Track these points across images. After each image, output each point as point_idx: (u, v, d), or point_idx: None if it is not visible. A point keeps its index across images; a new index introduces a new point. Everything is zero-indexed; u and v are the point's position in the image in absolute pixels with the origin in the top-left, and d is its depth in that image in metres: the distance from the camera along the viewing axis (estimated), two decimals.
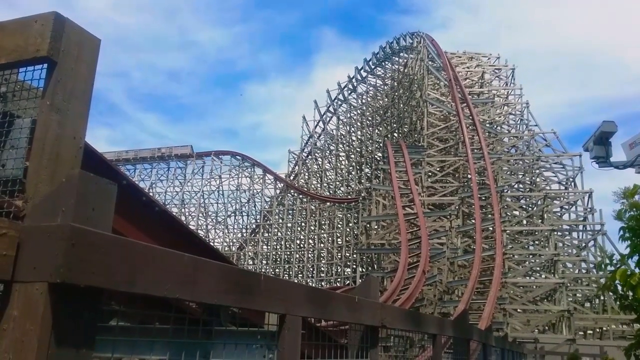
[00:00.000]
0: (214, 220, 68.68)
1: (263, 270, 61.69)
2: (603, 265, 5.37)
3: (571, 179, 42.52)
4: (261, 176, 67.37)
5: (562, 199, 41.98)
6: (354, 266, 53.95)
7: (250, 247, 64.98)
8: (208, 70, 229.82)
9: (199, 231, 64.70)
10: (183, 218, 64.99)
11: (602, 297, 33.39)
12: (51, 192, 1.55)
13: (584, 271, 38.18)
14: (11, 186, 1.77)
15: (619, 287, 4.73)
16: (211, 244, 60.34)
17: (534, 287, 35.89)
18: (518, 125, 48.51)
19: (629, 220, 4.67)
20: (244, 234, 68.12)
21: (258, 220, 66.38)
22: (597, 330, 33.69)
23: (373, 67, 65.06)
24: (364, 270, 48.80)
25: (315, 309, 2.81)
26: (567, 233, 41.01)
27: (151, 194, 66.40)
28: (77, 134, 1.87)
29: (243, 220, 69.18)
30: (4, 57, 1.89)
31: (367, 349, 3.37)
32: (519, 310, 33.11)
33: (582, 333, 33.51)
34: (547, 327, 32.72)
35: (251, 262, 63.04)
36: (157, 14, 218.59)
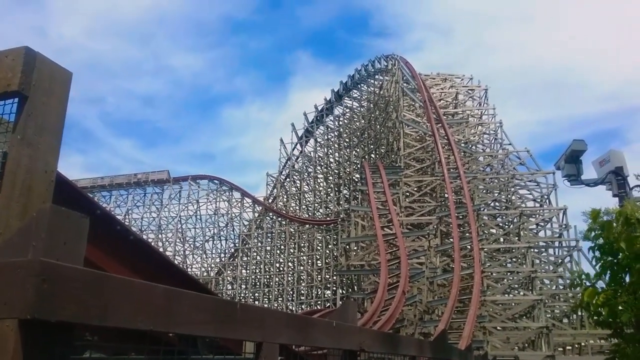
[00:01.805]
0: (192, 246, 67.97)
1: (242, 294, 61.01)
2: (576, 282, 5.46)
3: (546, 196, 43.25)
4: (239, 200, 67.06)
5: (537, 216, 42.60)
6: (334, 288, 53.70)
7: (229, 272, 64.33)
8: (184, 94, 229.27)
9: (177, 257, 63.90)
10: (160, 244, 64.16)
11: (579, 313, 33.77)
12: (22, 226, 1.54)
13: (561, 287, 38.61)
14: None
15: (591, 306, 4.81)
16: (189, 270, 59.62)
17: (513, 304, 36.14)
18: (492, 145, 49.33)
19: (595, 239, 4.77)
20: (223, 259, 67.46)
21: (237, 245, 65.85)
22: (576, 345, 33.96)
23: (349, 89, 65.75)
24: (344, 292, 48.61)
25: (293, 336, 2.80)
26: (543, 250, 41.55)
27: (127, 221, 65.51)
28: (49, 167, 1.87)
29: (221, 245, 68.62)
30: None
31: None
32: (498, 328, 33.23)
33: (561, 349, 33.72)
34: (526, 344, 32.87)
35: (230, 287, 62.36)
36: (132, 39, 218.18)
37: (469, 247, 36.24)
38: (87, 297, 1.49)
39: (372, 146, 59.01)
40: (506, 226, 42.15)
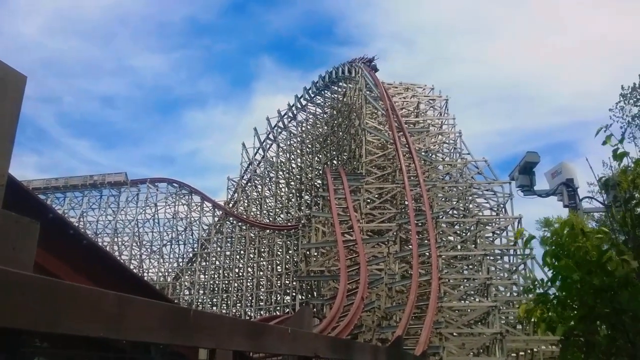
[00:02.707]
0: (149, 250, 66.73)
1: (200, 300, 60.21)
2: (529, 288, 5.65)
3: (502, 205, 44.34)
4: (199, 204, 66.28)
5: (493, 224, 43.62)
6: (294, 294, 53.58)
7: (186, 277, 63.38)
8: (145, 96, 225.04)
9: (133, 261, 62.61)
10: (116, 248, 62.75)
11: (532, 320, 34.66)
12: None
13: (515, 294, 39.59)
14: None
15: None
16: (145, 275, 58.50)
17: (469, 310, 36.83)
18: (452, 154, 50.35)
19: (551, 244, 4.92)
20: (181, 264, 66.45)
21: (195, 249, 64.99)
22: (529, 351, 34.86)
23: (313, 95, 65.97)
24: (303, 297, 48.55)
25: (247, 342, 2.82)
26: (498, 257, 42.56)
27: (82, 224, 63.82)
28: (0, 172, 1.84)
29: (179, 249, 67.64)
30: None
31: None
32: (454, 333, 33.79)
33: (514, 355, 34.58)
34: (481, 350, 33.55)
35: (187, 292, 61.48)
36: (92, 39, 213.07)
37: (427, 254, 36.78)
38: (37, 304, 1.48)
39: (334, 152, 59.33)
40: (463, 234, 43.00)
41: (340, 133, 57.77)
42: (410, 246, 37.57)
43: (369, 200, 43.91)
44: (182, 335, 2.22)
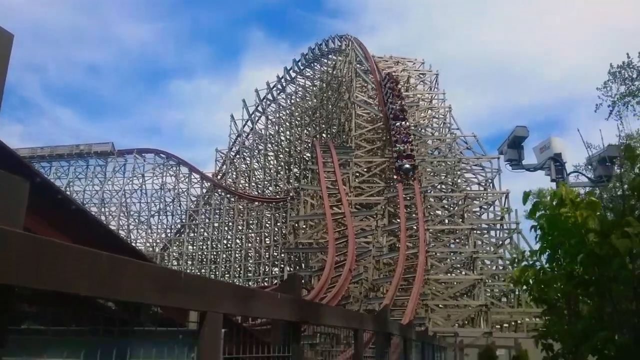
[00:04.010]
0: (137, 220, 66.63)
1: (188, 270, 60.38)
2: (516, 262, 5.73)
3: (490, 181, 44.71)
4: (187, 175, 66.02)
5: (481, 199, 44.03)
6: (282, 265, 54.03)
7: (174, 248, 63.55)
8: (131, 65, 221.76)
9: (121, 231, 62.50)
10: (103, 218, 62.50)
11: (516, 292, 35.33)
12: None
13: (500, 268, 40.24)
14: None
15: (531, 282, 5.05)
16: (132, 244, 58.44)
17: (455, 283, 37.43)
18: (441, 129, 50.40)
19: (540, 219, 4.96)
20: (169, 234, 66.50)
21: (183, 220, 64.99)
22: (512, 323, 35.60)
23: (302, 68, 65.37)
24: (291, 269, 48.99)
25: (237, 306, 2.84)
26: (485, 232, 43.09)
27: (68, 194, 63.39)
28: None
29: (167, 220, 67.61)
30: None
31: (289, 344, 3.43)
32: (440, 305, 34.38)
33: (498, 326, 35.28)
34: (466, 322, 34.21)
35: (176, 263, 61.65)
36: (77, 6, 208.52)
37: (415, 227, 37.12)
38: (27, 261, 1.47)
39: (323, 126, 59.13)
40: (451, 208, 43.39)
41: (330, 106, 57.50)
42: (398, 220, 37.90)
43: (357, 174, 44.03)
44: (173, 298, 2.23)
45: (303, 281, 31.54)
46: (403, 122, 39.39)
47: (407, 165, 31.93)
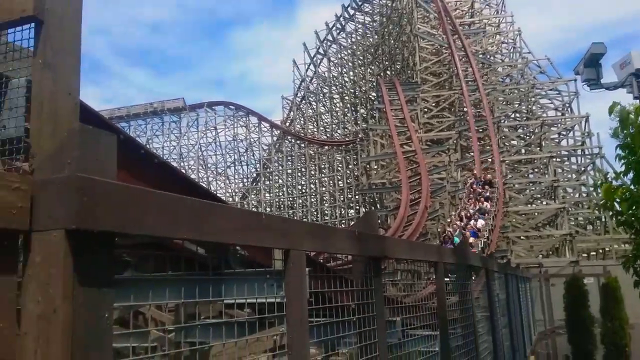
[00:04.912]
0: (214, 172, 68.89)
1: None
2: (600, 184, 5.48)
3: (567, 105, 42.37)
4: (256, 125, 67.05)
5: (559, 125, 41.96)
6: (357, 207, 54.62)
7: (253, 196, 65.51)
8: (190, 19, 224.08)
9: (201, 184, 65.03)
10: (183, 172, 65.18)
11: (603, 219, 33.98)
12: (55, 146, 1.62)
13: (584, 195, 38.67)
14: (16, 144, 1.85)
15: (616, 205, 4.85)
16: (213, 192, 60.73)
17: (536, 214, 36.43)
18: (511, 54, 47.83)
19: (625, 138, 4.71)
20: (246, 184, 68.50)
21: (258, 169, 66.59)
22: (600, 251, 34.45)
23: (360, 3, 63.44)
24: (367, 210, 49.41)
25: (318, 243, 2.93)
26: (565, 159, 41.25)
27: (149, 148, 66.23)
28: (72, 89, 1.92)
29: (243, 170, 69.40)
30: None
31: (371, 279, 3.52)
32: (522, 237, 33.73)
33: (585, 255, 34.28)
34: (550, 252, 33.44)
35: (255, 210, 63.63)
36: None
37: (490, 159, 36.14)
38: (124, 208, 1.58)
39: (387, 63, 57.72)
40: (527, 137, 41.71)
41: (392, 41, 55.78)
42: (472, 153, 36.99)
43: (426, 110, 43.00)
44: (257, 237, 2.34)
45: (379, 221, 31.90)
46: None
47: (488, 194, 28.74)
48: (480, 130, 37.88)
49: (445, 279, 5.23)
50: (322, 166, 60.52)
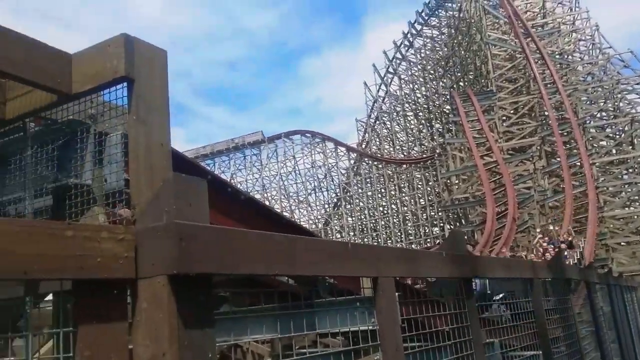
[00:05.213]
0: (296, 200, 69.96)
1: (352, 241, 62.28)
2: None
3: None
4: (333, 150, 67.67)
5: None
6: (441, 224, 53.39)
7: (335, 221, 65.79)
8: (263, 54, 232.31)
9: (284, 213, 66.29)
10: (266, 202, 66.78)
11: None
12: (153, 196, 1.73)
13: None
14: (118, 197, 2.01)
15: None
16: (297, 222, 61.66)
17: (635, 217, 34.01)
18: (590, 51, 45.51)
19: None
20: (327, 209, 68.99)
21: (338, 194, 66.95)
22: None
23: (427, 18, 63.06)
24: (451, 227, 48.15)
25: (405, 268, 2.91)
26: None
27: (234, 184, 68.56)
28: (164, 140, 2.06)
29: (324, 196, 70.02)
30: (89, 83, 2.10)
31: (463, 300, 3.43)
32: (622, 243, 31.56)
33: None
34: None
35: (339, 235, 63.85)
36: (205, 7, 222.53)
37: (578, 164, 34.35)
38: (219, 250, 1.66)
39: (459, 74, 56.67)
40: (617, 136, 39.26)
41: (462, 52, 54.80)
42: (558, 158, 35.30)
43: (504, 118, 41.63)
44: (344, 266, 2.36)
45: (466, 237, 30.99)
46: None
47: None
48: (565, 133, 36.14)
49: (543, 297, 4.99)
50: (402, 185, 59.89)
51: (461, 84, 55.10)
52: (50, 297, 1.89)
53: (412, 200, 58.79)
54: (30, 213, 2.25)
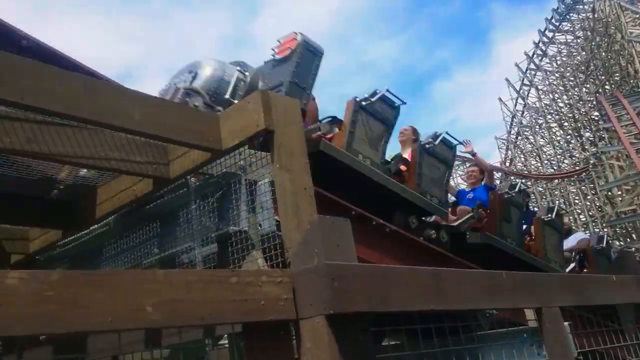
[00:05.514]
0: None
1: None
2: None
3: None
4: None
5: None
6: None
7: None
8: (393, 82, 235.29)
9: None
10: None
11: None
12: (302, 238, 1.82)
13: None
14: (272, 241, 2.16)
15: None
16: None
17: None
18: None
19: None
20: None
21: None
22: None
23: (557, 23, 59.50)
24: (621, 243, 43.66)
25: (571, 297, 2.68)
26: None
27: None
28: (306, 184, 2.16)
29: None
30: (237, 138, 2.30)
31: None
32: None
33: None
34: None
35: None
36: (331, 43, 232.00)
37: None
38: (372, 288, 1.68)
39: (602, 77, 52.34)
40: None
41: (603, 54, 50.65)
42: None
43: None
44: (500, 299, 2.24)
45: (638, 255, 28.03)
46: None
47: None
48: None
49: None
50: (556, 202, 55.89)
51: (607, 87, 50.81)
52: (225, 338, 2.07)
53: (571, 217, 54.42)
54: (200, 261, 2.49)
